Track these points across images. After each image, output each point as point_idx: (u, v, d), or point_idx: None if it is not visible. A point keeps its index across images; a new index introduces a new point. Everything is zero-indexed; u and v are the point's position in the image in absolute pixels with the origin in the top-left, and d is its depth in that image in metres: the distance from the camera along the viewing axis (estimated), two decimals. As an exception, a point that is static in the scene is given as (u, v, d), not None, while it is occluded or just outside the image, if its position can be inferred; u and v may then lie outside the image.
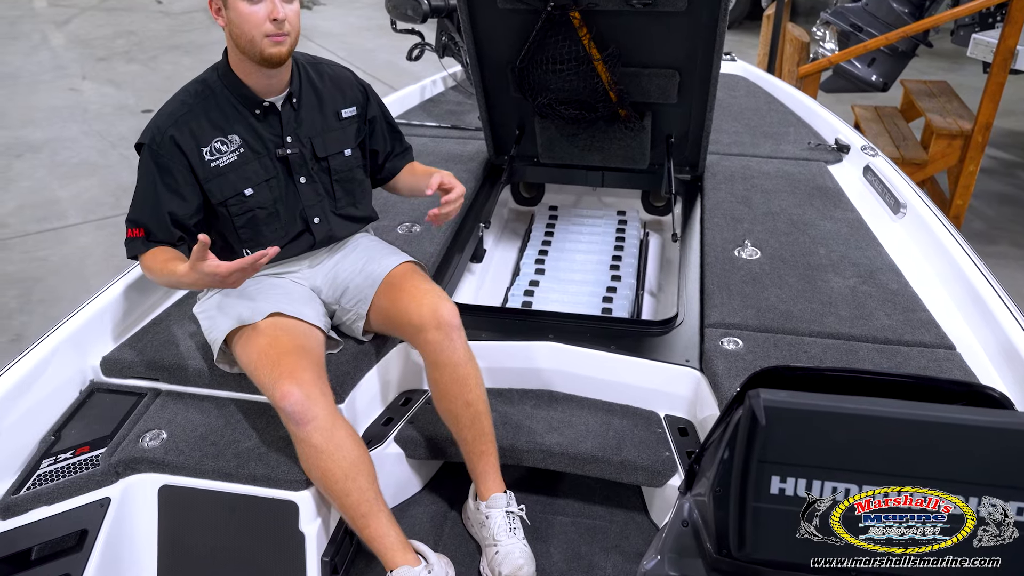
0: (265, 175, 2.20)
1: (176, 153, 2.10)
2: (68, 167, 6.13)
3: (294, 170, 2.24)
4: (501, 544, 2.10)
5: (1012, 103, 6.86)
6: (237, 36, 2.05)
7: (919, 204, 2.96)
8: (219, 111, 2.15)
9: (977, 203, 5.59)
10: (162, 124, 2.11)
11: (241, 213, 2.18)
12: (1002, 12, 5.17)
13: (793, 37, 5.68)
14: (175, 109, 2.14)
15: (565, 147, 3.35)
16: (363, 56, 8.46)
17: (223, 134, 2.14)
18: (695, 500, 1.43)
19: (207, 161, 2.12)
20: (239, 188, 2.17)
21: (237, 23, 2.02)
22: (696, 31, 2.84)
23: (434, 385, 2.19)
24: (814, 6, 10.64)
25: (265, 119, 2.19)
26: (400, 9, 4.07)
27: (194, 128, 2.12)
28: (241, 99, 2.16)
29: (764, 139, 3.71)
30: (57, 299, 4.51)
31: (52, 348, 2.21)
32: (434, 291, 2.23)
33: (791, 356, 2.22)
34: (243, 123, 2.17)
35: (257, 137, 2.18)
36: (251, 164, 2.17)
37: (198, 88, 2.17)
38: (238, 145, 2.16)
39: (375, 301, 2.28)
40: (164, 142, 2.10)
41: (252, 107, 2.17)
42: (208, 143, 2.13)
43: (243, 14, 2.01)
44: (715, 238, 2.85)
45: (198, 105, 2.14)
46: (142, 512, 2.08)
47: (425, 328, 2.13)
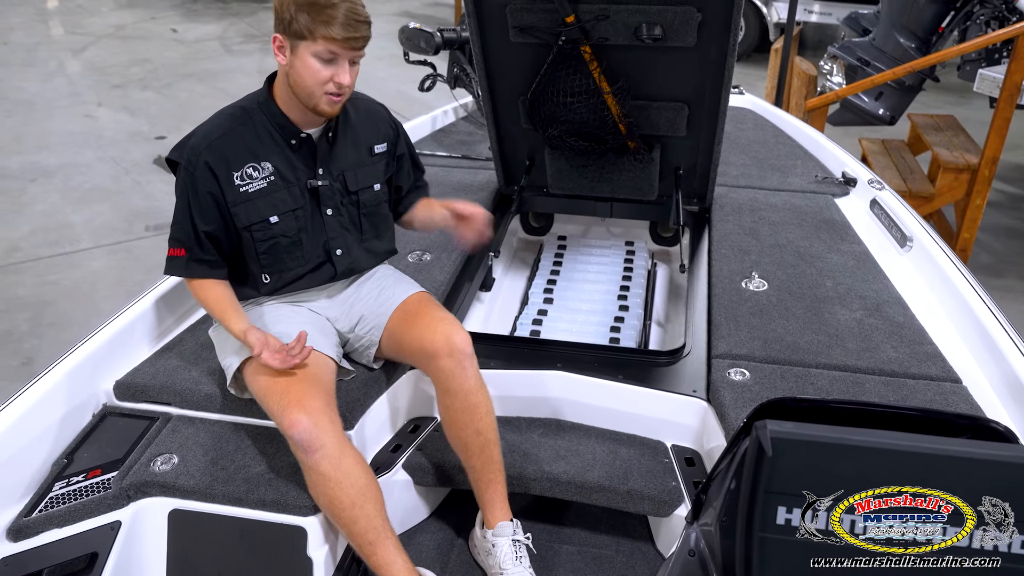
0: (292, 204, 2.20)
1: (208, 177, 2.11)
2: (81, 192, 6.18)
3: (322, 201, 2.25)
4: (507, 573, 2.11)
5: (1019, 137, 6.89)
6: (296, 83, 2.05)
7: (926, 237, 2.98)
8: (255, 137, 2.15)
9: (984, 237, 5.60)
10: (197, 146, 2.12)
11: (264, 239, 2.20)
12: (1008, 48, 5.21)
13: (801, 71, 5.74)
14: (211, 131, 2.14)
15: (575, 178, 3.38)
16: (374, 85, 8.55)
17: (256, 160, 2.15)
18: (702, 530, 1.44)
19: (236, 186, 2.13)
20: (264, 215, 2.17)
21: (300, 72, 2.03)
22: (705, 66, 2.88)
23: (445, 412, 2.20)
24: (821, 40, 10.72)
25: (300, 150, 2.20)
26: (413, 41, 4.13)
27: (227, 152, 2.12)
28: (279, 128, 2.16)
29: (772, 172, 3.74)
30: (68, 323, 4.54)
31: (67, 372, 2.23)
32: (448, 319, 2.26)
33: (798, 388, 2.23)
34: (277, 151, 2.17)
35: (290, 166, 2.19)
36: (280, 192, 2.18)
37: (236, 113, 2.17)
38: (269, 172, 2.16)
39: (388, 327, 2.31)
40: (198, 165, 2.10)
41: (289, 137, 2.17)
42: (240, 168, 2.13)
43: (311, 68, 2.01)
44: (722, 269, 2.87)
45: (234, 130, 2.14)
46: (152, 536, 2.09)
47: (438, 355, 2.15)
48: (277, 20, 2.02)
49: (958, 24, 5.73)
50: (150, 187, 6.18)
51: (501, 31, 2.93)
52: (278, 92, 2.15)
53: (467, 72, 4.35)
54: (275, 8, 2.02)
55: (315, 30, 1.96)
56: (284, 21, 1.99)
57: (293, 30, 1.98)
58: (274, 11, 2.03)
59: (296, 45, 2.00)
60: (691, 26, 2.73)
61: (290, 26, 1.98)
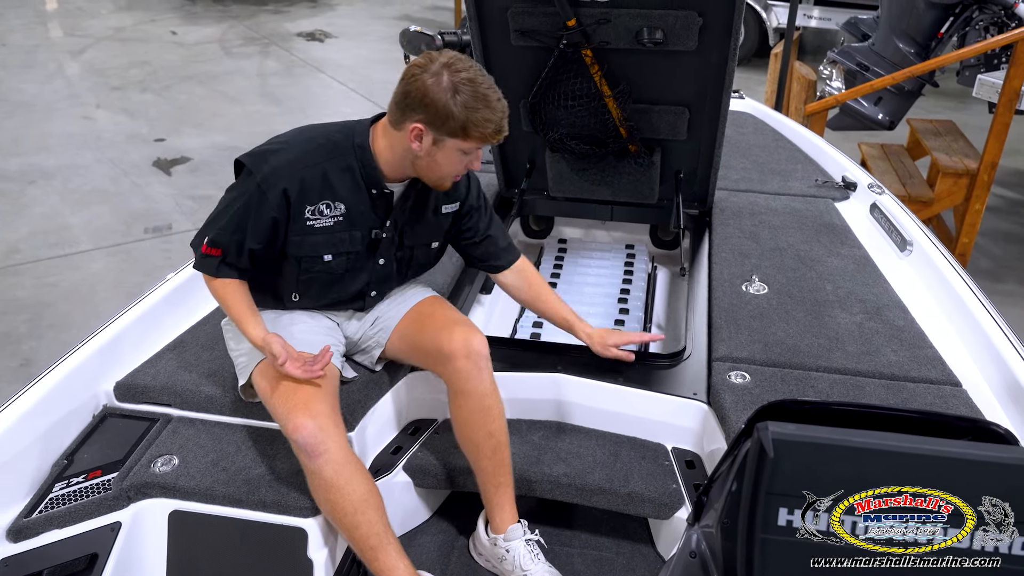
0: (350, 248, 2.17)
1: (280, 203, 2.05)
2: (80, 194, 6.18)
3: (379, 251, 2.23)
4: (530, 572, 2.12)
5: (1018, 142, 6.91)
6: (428, 168, 2.05)
7: (925, 242, 2.98)
8: (338, 175, 2.09)
9: (983, 241, 5.61)
10: (280, 169, 2.05)
11: (310, 271, 2.17)
12: (1007, 54, 5.23)
13: (800, 75, 5.75)
14: (298, 159, 2.07)
15: (575, 181, 3.39)
16: (373, 88, 8.56)
17: (332, 198, 2.10)
18: (703, 532, 1.44)
19: (305, 218, 2.08)
20: (320, 252, 2.14)
21: (440, 163, 2.03)
22: (706, 70, 2.89)
23: (457, 413, 2.21)
24: (821, 45, 10.74)
25: (377, 200, 2.16)
26: (414, 44, 4.13)
27: (308, 184, 2.06)
28: (366, 176, 2.11)
29: (772, 176, 3.75)
30: (67, 325, 4.54)
31: (67, 373, 2.23)
32: (465, 321, 2.28)
33: (798, 391, 2.23)
34: (355, 194, 2.12)
35: (361, 212, 2.14)
36: (342, 234, 2.14)
37: (327, 145, 2.10)
38: (341, 213, 2.12)
39: (399, 328, 2.32)
40: (274, 188, 2.03)
41: (372, 186, 2.13)
42: (315, 203, 2.08)
43: (453, 160, 2.02)
44: (723, 273, 2.87)
45: (322, 164, 2.08)
46: (152, 537, 2.09)
47: (455, 357, 2.15)
48: (428, 113, 1.95)
49: (957, 29, 5.75)
50: (149, 189, 6.18)
51: (502, 34, 2.93)
52: (380, 146, 2.09)
53: (467, 75, 4.34)
54: (427, 102, 1.94)
55: (472, 132, 1.96)
56: (439, 118, 1.95)
57: (448, 128, 1.96)
58: (422, 102, 1.95)
59: (444, 140, 1.99)
60: (692, 30, 2.74)
61: (445, 123, 1.95)
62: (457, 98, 1.92)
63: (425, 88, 1.93)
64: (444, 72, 1.93)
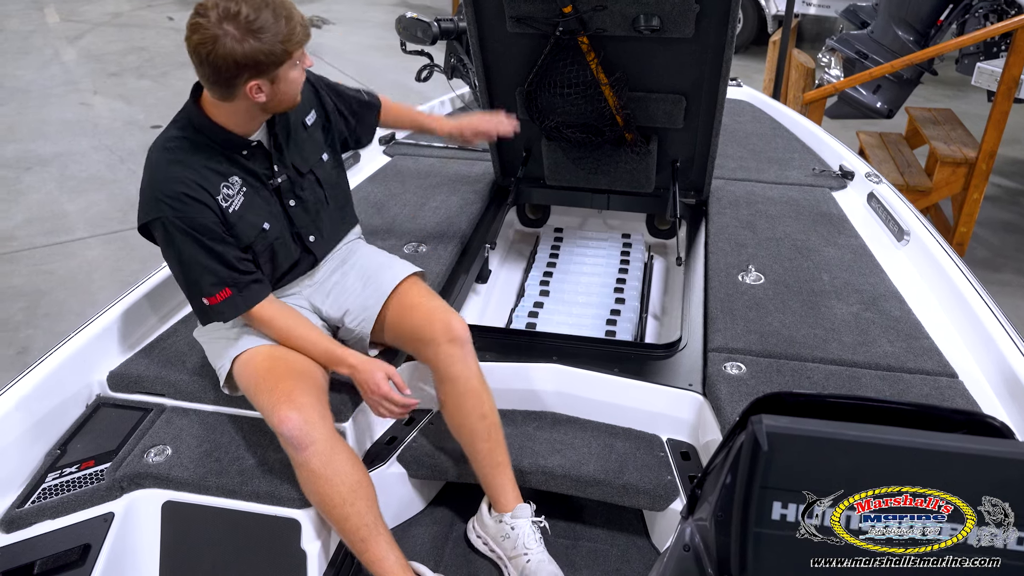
0: (268, 206, 2.16)
1: (197, 206, 1.99)
2: (77, 181, 6.17)
3: (283, 196, 2.20)
4: (532, 552, 2.12)
5: (1016, 131, 6.89)
6: (282, 100, 2.00)
7: (923, 231, 2.97)
8: (208, 157, 2.04)
9: (981, 231, 5.61)
10: (164, 189, 1.98)
11: (264, 250, 2.15)
12: (1007, 42, 5.21)
13: (799, 63, 5.72)
14: (163, 172, 2.01)
15: (571, 170, 3.37)
16: (371, 75, 8.52)
17: (224, 178, 2.06)
18: (697, 525, 1.44)
19: (224, 208, 2.05)
20: (258, 224, 2.12)
21: (286, 90, 1.98)
22: (703, 57, 2.87)
23: (446, 399, 2.20)
24: (819, 33, 10.71)
25: (253, 157, 2.13)
26: (410, 31, 4.11)
27: (198, 179, 2.01)
28: (225, 143, 2.06)
29: (769, 165, 3.73)
30: (63, 313, 4.53)
31: (60, 362, 2.22)
32: (443, 306, 2.27)
33: (794, 382, 2.23)
34: (235, 163, 2.09)
35: (250, 172, 2.12)
36: (256, 199, 2.12)
37: (177, 143, 2.04)
38: (240, 184, 2.09)
39: (382, 315, 2.31)
40: (180, 201, 1.98)
41: (239, 148, 2.09)
42: (218, 191, 2.04)
43: (293, 79, 1.98)
44: (719, 262, 2.86)
45: (188, 158, 2.02)
46: (145, 527, 2.09)
47: (437, 342, 2.16)
48: (251, 69, 1.89)
49: (956, 17, 5.73)
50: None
51: (498, 21, 2.91)
52: (222, 116, 2.03)
53: (464, 62, 4.33)
54: (244, 62, 1.86)
55: (291, 48, 1.92)
56: (263, 64, 1.89)
57: (274, 62, 1.91)
58: (238, 65, 1.87)
59: (277, 74, 1.94)
60: (689, 17, 2.72)
61: (270, 63, 1.90)
62: (261, 36, 1.85)
63: (229, 51, 1.84)
64: (227, 25, 1.83)
